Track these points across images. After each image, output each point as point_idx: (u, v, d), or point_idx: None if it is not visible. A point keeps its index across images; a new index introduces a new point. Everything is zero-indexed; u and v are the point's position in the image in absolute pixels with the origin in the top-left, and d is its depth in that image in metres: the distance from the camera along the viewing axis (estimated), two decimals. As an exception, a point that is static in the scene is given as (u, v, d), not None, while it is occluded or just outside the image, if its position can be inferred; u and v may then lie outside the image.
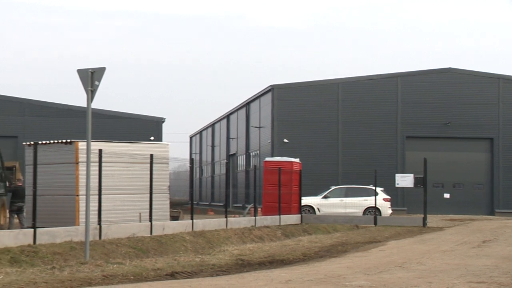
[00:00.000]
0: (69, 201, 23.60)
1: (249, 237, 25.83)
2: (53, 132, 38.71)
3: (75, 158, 23.72)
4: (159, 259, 17.16)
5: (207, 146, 79.72)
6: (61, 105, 47.73)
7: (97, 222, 20.70)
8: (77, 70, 16.67)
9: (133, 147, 25.87)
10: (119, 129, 44.69)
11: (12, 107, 46.35)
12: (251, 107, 58.96)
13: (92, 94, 16.58)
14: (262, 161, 39.28)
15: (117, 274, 14.07)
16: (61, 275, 13.69)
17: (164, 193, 26.05)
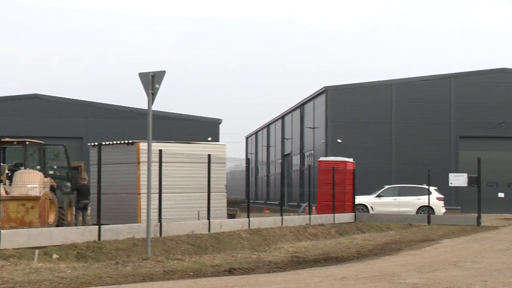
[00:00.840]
0: (131, 199, 23.91)
1: (304, 235, 25.77)
2: (116, 133, 39.36)
3: (136, 158, 24.02)
4: (217, 256, 17.26)
5: (262, 146, 79.87)
6: (123, 108, 48.51)
7: (158, 220, 20.93)
8: (138, 74, 16.88)
9: (192, 147, 26.05)
10: (178, 130, 45.10)
11: (77, 110, 47.33)
12: (305, 108, 58.83)
13: (153, 97, 16.77)
14: (316, 161, 39.13)
15: (177, 269, 14.21)
16: (124, 270, 13.90)
17: (222, 192, 26.17)
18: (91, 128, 46.05)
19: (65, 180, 24.66)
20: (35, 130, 41.24)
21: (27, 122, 45.02)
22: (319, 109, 53.02)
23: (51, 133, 41.87)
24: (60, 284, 12.15)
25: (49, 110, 46.66)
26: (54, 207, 22.17)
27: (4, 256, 15.13)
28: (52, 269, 13.75)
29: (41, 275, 12.94)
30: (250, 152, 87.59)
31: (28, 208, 19.96)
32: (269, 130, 76.31)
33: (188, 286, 11.88)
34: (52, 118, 46.26)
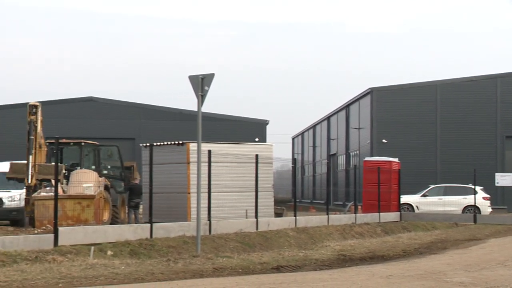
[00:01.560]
0: (182, 198, 24.11)
1: (350, 234, 25.60)
2: (167, 134, 39.74)
3: (186, 158, 24.22)
4: (265, 254, 17.26)
5: (308, 146, 79.66)
6: (173, 109, 48.97)
7: (207, 218, 21.05)
8: (188, 77, 17.00)
9: (240, 148, 26.15)
10: (226, 131, 45.28)
11: (130, 111, 47.95)
12: (351, 109, 58.47)
13: (202, 99, 16.88)
14: (362, 161, 38.84)
15: (227, 267, 14.27)
16: (176, 267, 14.03)
17: (269, 191, 26.18)
18: (143, 129, 46.58)
19: (118, 179, 25.00)
20: (90, 132, 41.94)
21: (82, 124, 45.80)
22: (365, 110, 52.62)
23: (105, 134, 42.52)
24: (115, 279, 12.32)
25: (103, 112, 47.39)
26: (108, 206, 22.51)
27: (62, 252, 15.42)
28: (107, 265, 13.97)
29: (97, 270, 13.16)
30: (296, 152, 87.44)
31: (84, 207, 20.31)
32: (315, 130, 76.07)
33: (237, 283, 11.91)
34: (106, 120, 46.97)
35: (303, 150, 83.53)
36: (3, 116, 45.27)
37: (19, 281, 11.83)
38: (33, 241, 16.03)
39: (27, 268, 13.30)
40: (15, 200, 23.88)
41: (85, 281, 12.06)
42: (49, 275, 12.48)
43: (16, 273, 12.66)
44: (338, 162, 63.28)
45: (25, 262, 14.08)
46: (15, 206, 23.75)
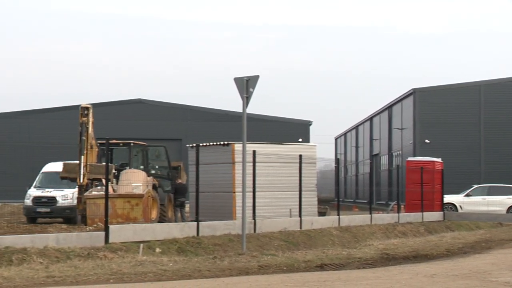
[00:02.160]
0: (227, 197, 24.19)
1: (393, 233, 25.33)
2: (212, 135, 39.95)
3: (231, 158, 24.29)
4: (308, 252, 17.22)
5: (351, 147, 79.16)
6: (219, 111, 49.22)
7: (252, 217, 21.07)
8: (234, 79, 17.05)
9: (284, 148, 26.12)
10: (270, 131, 45.29)
11: (177, 113, 48.37)
12: (393, 110, 57.88)
13: (247, 100, 16.92)
14: (405, 161, 38.40)
15: (271, 264, 14.27)
16: (222, 264, 14.09)
17: (312, 191, 26.09)
18: (190, 130, 46.91)
19: (165, 179, 25.20)
20: (138, 133, 42.42)
21: (131, 125, 46.37)
22: (407, 110, 52.02)
23: (153, 135, 42.98)
24: (163, 276, 12.45)
25: (151, 114, 47.91)
26: (156, 204, 22.72)
27: (113, 249, 15.63)
28: (156, 262, 14.12)
29: (146, 267, 13.31)
30: (339, 152, 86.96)
31: (133, 205, 20.56)
32: (358, 131, 75.55)
33: (282, 281, 11.91)
34: (154, 121, 47.47)
35: (346, 150, 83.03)
36: (57, 118, 46.17)
37: (72, 277, 12.06)
38: (85, 238, 16.30)
39: (80, 264, 13.54)
40: (68, 199, 24.31)
41: (135, 277, 12.22)
42: (100, 271, 12.68)
43: (70, 268, 12.91)
44: (381, 162, 62.72)
45: (78, 258, 14.34)
46: (68, 204, 24.18)
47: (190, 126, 47.53)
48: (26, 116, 47.65)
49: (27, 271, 12.54)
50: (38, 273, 12.35)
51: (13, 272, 12.45)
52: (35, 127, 46.23)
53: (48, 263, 13.63)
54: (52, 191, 24.70)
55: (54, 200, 24.45)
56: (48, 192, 24.75)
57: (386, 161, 60.07)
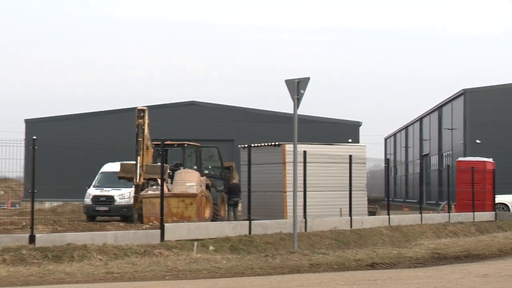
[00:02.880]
0: (278, 197, 24.18)
1: (443, 232, 24.90)
2: (263, 136, 39.97)
3: (282, 158, 24.27)
4: (359, 251, 17.08)
5: (400, 147, 78.16)
6: (270, 112, 49.24)
7: (303, 216, 21.02)
8: (285, 81, 17.06)
9: (334, 148, 25.97)
10: (321, 132, 45.04)
11: (229, 114, 48.57)
12: (443, 110, 56.92)
13: (298, 102, 16.89)
14: (455, 161, 37.70)
15: (322, 263, 14.22)
16: (274, 262, 14.10)
17: (362, 191, 25.87)
18: (241, 131, 47.07)
19: (218, 179, 25.34)
20: (191, 134, 42.75)
21: (185, 126, 46.81)
22: (458, 111, 51.07)
23: (206, 136, 43.30)
24: (217, 273, 12.54)
25: (204, 115, 48.26)
26: (209, 204, 22.86)
27: (168, 247, 15.82)
28: (209, 259, 14.22)
29: (200, 265, 13.42)
30: (389, 152, 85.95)
31: (187, 204, 20.73)
32: (407, 131, 74.56)
33: (333, 279, 11.84)
34: (207, 123, 47.80)
35: (396, 150, 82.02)
36: (115, 120, 46.99)
37: (130, 273, 12.26)
38: (142, 236, 16.53)
39: (137, 261, 13.74)
40: (125, 198, 24.69)
41: (189, 274, 12.34)
42: (157, 268, 12.85)
43: (128, 265, 13.12)
44: (431, 162, 61.74)
45: (135, 255, 14.56)
46: (125, 203, 24.55)
47: (241, 127, 47.68)
48: (86, 118, 48.67)
49: (88, 267, 12.80)
50: (98, 269, 12.60)
51: (75, 268, 12.74)
52: (94, 128, 47.18)
53: (107, 260, 13.89)
54: (110, 191, 25.14)
55: (112, 199, 24.87)
56: (106, 191, 25.20)
57: (436, 161, 59.10)
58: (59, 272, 12.17)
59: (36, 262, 13.38)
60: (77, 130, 46.85)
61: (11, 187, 57.02)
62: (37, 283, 11.27)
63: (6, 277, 11.73)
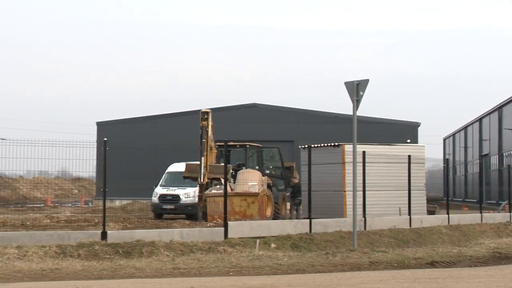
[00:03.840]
0: (338, 196, 24.01)
1: (504, 232, 24.19)
2: (323, 136, 39.73)
3: (342, 159, 24.10)
4: (418, 249, 16.79)
5: (459, 147, 76.37)
6: (329, 113, 48.94)
7: (362, 215, 20.84)
8: (344, 83, 16.93)
9: (392, 149, 25.62)
10: (379, 132, 44.42)
11: (289, 116, 48.51)
12: (504, 111, 55.29)
13: (357, 103, 16.74)
14: (515, 161, 36.57)
15: (382, 261, 14.05)
16: (334, 260, 14.02)
17: (421, 190, 25.43)
18: (301, 132, 46.94)
19: (279, 178, 25.36)
20: (253, 135, 42.88)
21: (247, 128, 47.02)
22: (518, 110, 49.52)
23: (266, 137, 43.36)
24: (279, 270, 12.55)
25: (265, 117, 48.35)
26: (270, 202, 22.90)
27: (231, 244, 15.93)
28: (271, 256, 14.24)
29: (262, 261, 13.47)
30: (447, 153, 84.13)
31: (249, 203, 20.80)
32: (466, 132, 72.81)
33: (393, 277, 11.69)
34: (268, 124, 47.87)
35: (454, 150, 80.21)
36: (180, 122, 47.65)
37: (196, 269, 12.41)
38: (206, 233, 16.70)
39: (202, 257, 13.90)
40: (190, 197, 24.98)
41: (252, 271, 12.40)
42: (221, 264, 12.96)
43: (193, 261, 13.28)
44: (491, 162, 60.08)
45: (200, 252, 14.72)
46: (190, 202, 24.85)
47: (301, 128, 47.55)
48: (154, 121, 49.52)
49: (156, 263, 13.03)
50: (165, 265, 12.80)
51: (144, 263, 12.98)
52: (161, 130, 47.95)
53: (174, 256, 14.09)
54: (176, 190, 25.49)
55: (178, 197, 25.21)
56: (172, 190, 25.56)
57: (496, 161, 57.45)
58: (130, 267, 12.43)
59: (108, 257, 13.70)
60: (145, 132, 47.73)
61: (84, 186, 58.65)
62: (110, 277, 11.54)
63: (81, 271, 12.06)
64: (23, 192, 50.89)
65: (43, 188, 53.93)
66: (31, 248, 13.59)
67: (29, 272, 11.77)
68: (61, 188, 57.66)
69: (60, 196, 54.48)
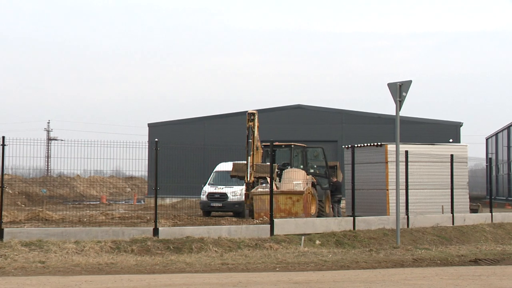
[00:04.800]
0: (381, 194, 23.76)
1: (548, 230, 23.48)
2: (365, 136, 39.37)
3: (385, 158, 23.86)
4: (461, 247, 16.46)
5: (502, 146, 74.50)
6: (372, 114, 48.45)
7: (405, 213, 20.58)
8: (387, 84, 16.74)
9: (435, 148, 25.22)
10: (421, 132, 43.78)
11: (333, 117, 48.22)
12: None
13: (400, 104, 16.54)
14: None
15: (425, 258, 13.82)
16: (377, 257, 13.86)
17: (464, 189, 24.94)
18: (345, 132, 46.61)
19: (323, 177, 25.22)
20: (298, 135, 42.80)
21: (292, 128, 46.93)
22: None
23: (311, 138, 43.20)
24: (324, 266, 12.47)
25: (309, 118, 48.17)
26: (315, 201, 22.78)
27: (277, 241, 15.92)
28: (316, 253, 14.18)
29: (308, 257, 13.41)
30: (490, 152, 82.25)
31: (294, 201, 20.75)
32: (509, 131, 71.00)
33: (436, 274, 11.48)
34: (312, 125, 47.68)
35: (497, 150, 78.35)
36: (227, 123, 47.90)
37: (243, 264, 12.43)
38: (253, 230, 16.74)
39: (249, 253, 13.92)
40: (237, 195, 25.07)
41: (298, 266, 12.35)
42: (267, 260, 12.96)
43: (241, 257, 13.32)
44: (534, 161, 58.43)
45: (247, 248, 14.75)
46: (237, 200, 24.93)
47: (345, 129, 47.20)
48: (202, 122, 49.88)
49: (205, 258, 13.11)
50: (214, 260, 12.87)
51: (194, 258, 13.09)
52: (209, 131, 48.30)
53: (222, 252, 14.16)
54: (224, 188, 25.61)
55: (225, 196, 25.32)
56: (220, 189, 25.69)
57: (539, 160, 55.85)
58: (180, 262, 12.54)
59: (159, 252, 13.86)
60: (194, 133, 48.14)
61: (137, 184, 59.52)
62: (161, 272, 11.67)
63: (135, 265, 12.23)
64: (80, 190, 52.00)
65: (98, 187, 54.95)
66: (88, 243, 13.86)
67: (87, 266, 12.01)
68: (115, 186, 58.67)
69: (114, 194, 55.46)
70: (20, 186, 40.50)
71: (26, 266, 11.83)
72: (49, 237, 14.37)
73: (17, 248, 13.23)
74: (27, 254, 12.88)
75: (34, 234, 14.67)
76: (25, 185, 41.59)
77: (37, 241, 13.84)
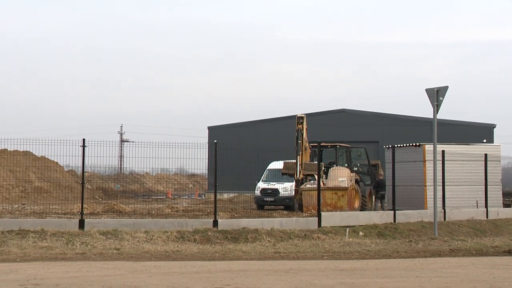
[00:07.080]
0: (419, 190, 23.40)
1: None
2: (404, 138, 38.70)
3: (423, 157, 23.50)
4: (496, 239, 16.00)
5: (534, 145, 71.97)
6: (410, 117, 47.59)
7: (442, 207, 20.19)
8: (425, 89, 16.44)
9: (469, 148, 24.65)
10: (456, 133, 42.76)
11: (374, 120, 47.60)
12: None
13: (437, 108, 16.22)
14: None
15: (461, 248, 13.51)
16: (417, 247, 13.63)
17: (497, 185, 24.27)
18: (385, 133, 45.95)
19: (366, 175, 24.96)
20: (342, 137, 42.41)
21: (336, 130, 46.57)
22: None
23: (354, 139, 42.74)
24: (367, 255, 12.35)
25: (353, 121, 47.70)
26: (358, 196, 22.58)
27: (324, 232, 15.86)
28: (360, 243, 14.04)
29: (352, 247, 13.30)
30: (522, 150, 79.48)
31: (339, 196, 20.65)
32: (540, 131, 68.51)
33: (472, 263, 11.21)
34: (355, 127, 47.21)
35: (529, 148, 75.73)
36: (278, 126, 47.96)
37: (294, 253, 12.44)
38: (302, 222, 16.72)
39: (299, 243, 13.91)
40: (287, 191, 25.09)
41: (343, 255, 12.27)
42: (316, 249, 12.92)
43: (292, 246, 13.32)
44: None
45: (297, 238, 14.75)
46: (287, 195, 24.95)
47: (386, 131, 46.50)
48: (256, 125, 50.11)
49: (259, 247, 13.17)
50: (267, 249, 12.92)
51: (249, 247, 13.16)
52: (262, 133, 48.44)
53: (275, 242, 14.19)
54: (275, 184, 25.66)
55: (277, 191, 25.37)
56: (272, 185, 25.76)
57: None
58: (237, 251, 12.64)
59: (219, 242, 14.00)
60: (248, 135, 48.38)
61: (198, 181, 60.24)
62: (220, 259, 11.79)
63: (197, 253, 12.40)
64: (149, 186, 53.02)
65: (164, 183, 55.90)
66: (156, 233, 14.12)
67: (155, 253, 12.24)
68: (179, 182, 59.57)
69: (178, 190, 56.29)
70: (98, 182, 41.63)
71: (103, 252, 12.15)
72: (122, 227, 14.71)
73: (95, 237, 13.61)
74: (104, 242, 13.23)
75: (110, 224, 15.05)
76: (102, 181, 42.72)
77: (112, 231, 14.19)
